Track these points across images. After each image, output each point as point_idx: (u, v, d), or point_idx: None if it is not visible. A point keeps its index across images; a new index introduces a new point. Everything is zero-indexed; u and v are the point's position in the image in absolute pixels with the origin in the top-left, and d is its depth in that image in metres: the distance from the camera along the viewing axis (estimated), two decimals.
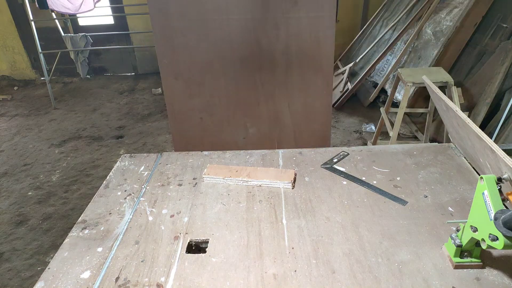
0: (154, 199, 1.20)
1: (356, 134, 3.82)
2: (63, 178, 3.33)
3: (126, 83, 5.74)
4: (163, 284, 0.89)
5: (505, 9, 3.30)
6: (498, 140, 2.95)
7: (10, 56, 5.91)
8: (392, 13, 4.50)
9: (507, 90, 3.14)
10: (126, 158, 1.45)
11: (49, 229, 2.68)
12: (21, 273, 2.32)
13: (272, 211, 1.11)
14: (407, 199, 1.13)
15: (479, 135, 0.95)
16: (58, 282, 0.91)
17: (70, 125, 4.43)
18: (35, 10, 4.46)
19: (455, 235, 0.90)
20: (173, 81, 2.06)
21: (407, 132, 3.71)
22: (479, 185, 0.82)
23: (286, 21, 1.97)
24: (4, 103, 5.28)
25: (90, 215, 1.15)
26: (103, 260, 0.97)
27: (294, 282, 0.87)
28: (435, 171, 1.25)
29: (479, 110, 3.15)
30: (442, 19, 3.58)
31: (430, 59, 3.55)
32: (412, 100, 3.66)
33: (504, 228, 0.73)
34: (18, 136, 4.23)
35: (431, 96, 1.36)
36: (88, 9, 4.28)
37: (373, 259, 0.92)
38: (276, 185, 1.22)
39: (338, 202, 1.13)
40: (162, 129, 4.18)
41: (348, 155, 1.38)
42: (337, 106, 4.33)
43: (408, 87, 2.59)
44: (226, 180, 1.25)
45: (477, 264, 0.88)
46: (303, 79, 2.17)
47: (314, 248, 0.97)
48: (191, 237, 1.03)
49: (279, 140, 2.47)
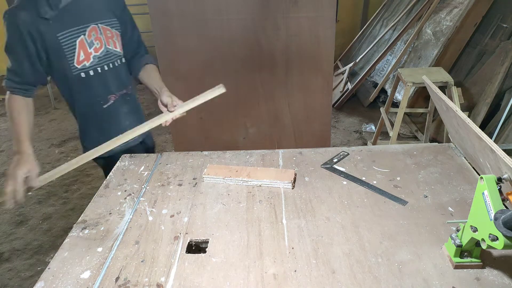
0: (154, 199, 1.20)
1: (356, 134, 3.82)
2: (63, 178, 3.33)
3: None
4: (163, 284, 0.89)
5: (505, 9, 3.29)
6: (498, 140, 2.95)
7: None
8: (392, 13, 4.50)
9: (507, 90, 3.14)
10: (126, 158, 1.46)
11: (49, 229, 2.68)
12: (21, 273, 2.32)
13: (272, 211, 1.11)
14: (407, 199, 1.13)
15: (479, 135, 0.95)
16: (58, 282, 0.91)
17: (70, 125, 4.43)
18: None
19: (455, 235, 0.90)
20: (173, 81, 2.06)
21: (407, 132, 3.71)
22: (479, 185, 0.82)
23: (286, 21, 1.97)
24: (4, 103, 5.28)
25: (90, 215, 1.15)
26: (103, 260, 0.97)
27: (294, 282, 0.87)
28: (435, 171, 1.25)
29: (479, 110, 3.15)
30: (442, 19, 3.58)
31: (430, 59, 3.55)
32: (412, 100, 3.66)
33: (504, 228, 0.73)
34: None
35: (431, 96, 1.36)
36: None
37: (373, 259, 0.92)
38: (276, 185, 1.22)
39: (338, 202, 1.13)
40: (162, 129, 4.17)
41: (348, 155, 1.38)
42: (337, 106, 4.33)
43: (408, 87, 2.59)
44: (226, 180, 1.25)
45: (477, 264, 0.88)
46: (303, 79, 2.17)
47: (314, 248, 0.97)
48: (191, 237, 1.03)
49: (279, 140, 2.47)
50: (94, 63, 1.37)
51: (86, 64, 1.36)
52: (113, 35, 1.41)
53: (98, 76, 1.40)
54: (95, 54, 1.37)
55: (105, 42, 1.39)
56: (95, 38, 1.36)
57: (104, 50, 1.39)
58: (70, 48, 1.32)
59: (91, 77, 1.39)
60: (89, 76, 1.38)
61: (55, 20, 1.28)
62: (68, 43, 1.31)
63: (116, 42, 1.43)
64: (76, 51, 1.33)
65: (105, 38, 1.39)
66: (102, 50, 1.38)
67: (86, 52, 1.35)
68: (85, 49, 1.35)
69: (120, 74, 1.48)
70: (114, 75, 1.45)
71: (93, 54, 1.36)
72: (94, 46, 1.36)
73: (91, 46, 1.35)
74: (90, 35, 1.35)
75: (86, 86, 1.40)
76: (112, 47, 1.41)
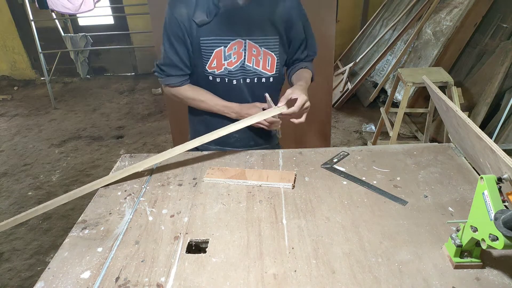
0: (154, 199, 1.20)
1: (356, 134, 3.82)
2: (63, 178, 3.33)
3: (126, 83, 5.75)
4: (163, 284, 0.89)
5: (505, 9, 3.30)
6: (498, 140, 2.95)
7: (10, 56, 5.91)
8: (392, 13, 4.50)
9: (507, 90, 3.14)
10: (126, 158, 1.46)
11: (49, 229, 2.68)
12: (21, 273, 2.32)
13: (272, 211, 1.11)
14: (407, 199, 1.13)
15: (479, 135, 0.95)
16: (58, 282, 0.91)
17: (70, 125, 4.43)
18: (35, 10, 4.46)
19: (455, 235, 0.90)
20: None
21: (407, 132, 3.71)
22: (479, 185, 0.82)
23: None
24: (4, 103, 5.28)
25: (90, 215, 1.15)
26: (103, 260, 0.97)
27: (294, 282, 0.87)
28: (435, 171, 1.25)
29: (479, 110, 3.15)
30: (442, 19, 3.58)
31: (430, 59, 3.55)
32: (412, 100, 3.66)
33: (504, 228, 0.73)
34: (18, 136, 4.23)
35: (431, 96, 1.36)
36: (88, 9, 4.28)
37: (373, 259, 0.92)
38: (276, 185, 1.22)
39: (338, 202, 1.13)
40: (162, 129, 4.18)
41: (348, 155, 1.38)
42: (337, 106, 4.33)
43: (408, 87, 2.59)
44: (226, 180, 1.25)
45: (477, 264, 0.88)
46: None
47: (314, 248, 0.97)
48: (191, 237, 1.03)
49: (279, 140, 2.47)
50: (223, 73, 1.36)
51: (216, 72, 1.35)
52: (259, 54, 1.35)
53: (223, 85, 1.38)
54: (227, 67, 1.34)
55: (244, 58, 1.34)
56: (234, 52, 1.33)
57: (238, 65, 1.35)
58: (207, 54, 1.32)
59: (218, 83, 1.38)
60: (215, 81, 1.38)
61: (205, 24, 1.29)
62: (207, 50, 1.32)
63: (260, 61, 1.36)
64: (210, 58, 1.33)
65: (248, 54, 1.34)
66: (237, 65, 1.35)
67: (220, 63, 1.34)
68: (220, 60, 1.33)
69: (253, 91, 1.42)
70: (246, 90, 1.40)
71: (225, 67, 1.34)
72: (230, 60, 1.33)
73: (227, 59, 1.33)
74: (230, 48, 1.32)
75: (212, 90, 1.40)
76: (251, 65, 1.36)
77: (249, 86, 1.40)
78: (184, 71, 1.39)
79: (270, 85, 1.42)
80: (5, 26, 5.65)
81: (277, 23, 1.34)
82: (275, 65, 1.39)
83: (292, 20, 1.36)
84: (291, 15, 1.35)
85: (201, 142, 1.28)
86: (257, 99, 1.42)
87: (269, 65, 1.38)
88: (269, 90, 1.41)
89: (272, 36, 1.35)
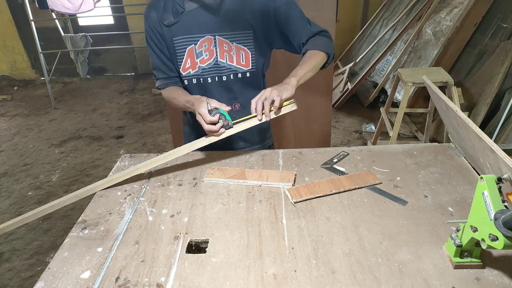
0: (154, 199, 1.20)
1: (356, 134, 3.82)
2: (63, 178, 3.33)
3: (126, 83, 5.75)
4: (163, 284, 0.89)
5: (505, 9, 3.29)
6: (498, 140, 2.95)
7: (10, 56, 5.91)
8: (392, 13, 4.50)
9: (507, 90, 3.14)
10: (126, 158, 1.46)
11: (49, 229, 2.68)
12: (21, 273, 2.32)
13: (272, 211, 1.11)
14: (407, 199, 1.13)
15: (479, 135, 0.95)
16: (58, 282, 0.91)
17: (70, 125, 4.43)
18: (35, 10, 4.46)
19: (455, 235, 0.90)
20: None
21: (407, 132, 3.71)
22: (479, 185, 0.82)
23: None
24: (4, 103, 5.28)
25: (90, 215, 1.15)
26: (103, 260, 0.97)
27: (294, 282, 0.87)
28: (435, 171, 1.25)
29: (479, 110, 3.15)
30: (442, 19, 3.58)
31: (430, 59, 3.55)
32: (412, 100, 3.66)
33: (504, 228, 0.73)
34: (18, 136, 4.23)
35: (431, 96, 1.36)
36: (88, 9, 4.28)
37: (373, 259, 0.92)
38: (276, 185, 1.22)
39: (338, 202, 1.14)
40: (162, 129, 4.18)
41: (348, 155, 1.38)
42: (337, 106, 4.33)
43: (408, 87, 2.59)
44: (226, 180, 1.25)
45: (477, 264, 0.88)
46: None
47: (314, 248, 0.97)
48: (191, 237, 1.03)
49: (279, 140, 2.47)
50: (198, 73, 1.36)
51: (191, 72, 1.36)
52: (230, 49, 1.34)
53: (199, 86, 1.39)
54: (201, 65, 1.35)
55: (217, 55, 1.34)
56: (205, 49, 1.33)
57: (211, 63, 1.35)
58: (180, 54, 1.34)
59: (194, 85, 1.39)
60: (191, 84, 1.39)
61: (174, 25, 1.32)
62: (180, 49, 1.34)
63: (233, 57, 1.35)
64: (184, 58, 1.35)
65: (219, 50, 1.34)
66: (210, 62, 1.35)
67: (193, 61, 1.35)
68: (193, 58, 1.34)
69: (229, 88, 1.40)
70: (222, 88, 1.39)
71: (199, 65, 1.35)
72: (202, 57, 1.34)
73: (199, 56, 1.34)
74: (201, 46, 1.33)
75: (190, 93, 1.40)
76: (225, 61, 1.35)
77: (225, 84, 1.39)
78: (167, 74, 1.41)
79: (248, 80, 1.41)
80: (5, 26, 5.65)
81: (249, 17, 1.32)
82: (250, 60, 1.37)
83: (269, 11, 1.32)
84: (265, 6, 1.31)
85: (190, 149, 1.28)
86: (234, 97, 1.42)
87: (243, 60, 1.37)
88: (247, 86, 1.41)
89: (244, 31, 1.34)
